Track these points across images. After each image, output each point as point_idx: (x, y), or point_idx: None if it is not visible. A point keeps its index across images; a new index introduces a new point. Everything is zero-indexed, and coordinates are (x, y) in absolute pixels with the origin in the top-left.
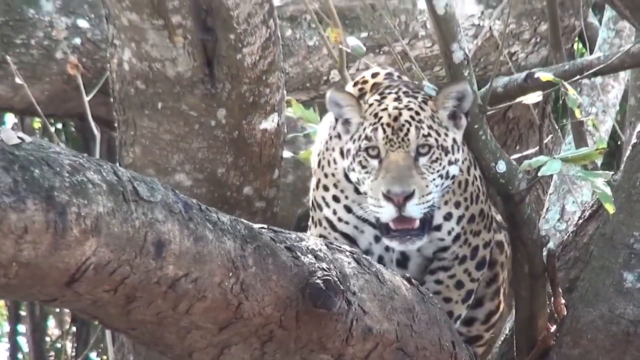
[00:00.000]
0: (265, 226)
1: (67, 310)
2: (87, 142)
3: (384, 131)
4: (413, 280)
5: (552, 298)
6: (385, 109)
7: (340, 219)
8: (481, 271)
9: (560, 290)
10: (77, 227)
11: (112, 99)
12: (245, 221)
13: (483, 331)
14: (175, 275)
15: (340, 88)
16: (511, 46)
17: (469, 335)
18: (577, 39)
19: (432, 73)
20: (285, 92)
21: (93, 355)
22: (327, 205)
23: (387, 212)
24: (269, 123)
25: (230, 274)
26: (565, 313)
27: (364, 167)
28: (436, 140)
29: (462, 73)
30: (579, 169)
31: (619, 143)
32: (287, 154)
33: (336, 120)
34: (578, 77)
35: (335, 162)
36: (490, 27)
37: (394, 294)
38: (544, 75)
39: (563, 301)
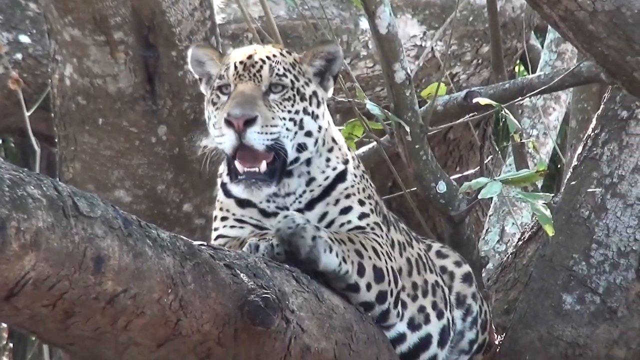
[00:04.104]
0: (205, 243)
1: (4, 326)
2: (26, 158)
3: (235, 68)
4: (352, 300)
5: None
6: (241, 51)
7: (232, 227)
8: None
9: None
10: (16, 241)
11: (52, 115)
12: (184, 238)
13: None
14: (114, 291)
15: (202, 44)
16: (453, 67)
17: None
18: (519, 61)
19: (374, 93)
20: None
21: None
22: (216, 229)
23: (228, 140)
24: (210, 140)
25: (169, 291)
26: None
27: (214, 104)
28: (292, 82)
29: (404, 93)
30: (519, 190)
31: (559, 165)
32: None
33: (200, 80)
34: (519, 98)
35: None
36: (432, 48)
37: (332, 312)
38: (483, 100)
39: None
